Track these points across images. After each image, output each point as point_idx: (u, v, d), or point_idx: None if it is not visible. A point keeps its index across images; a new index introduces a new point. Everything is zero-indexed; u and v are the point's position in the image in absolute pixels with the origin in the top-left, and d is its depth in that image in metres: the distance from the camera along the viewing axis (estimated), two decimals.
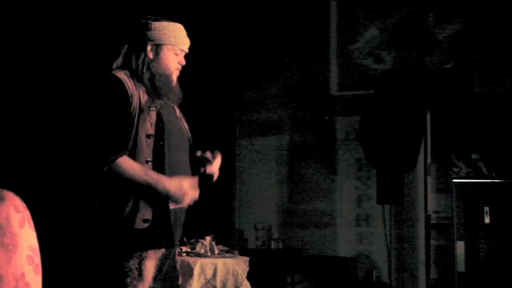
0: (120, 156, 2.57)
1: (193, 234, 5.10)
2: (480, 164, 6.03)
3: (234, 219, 6.82)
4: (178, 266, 2.90)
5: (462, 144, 6.17)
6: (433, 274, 6.17)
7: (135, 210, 2.60)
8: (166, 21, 2.78)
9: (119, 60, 2.75)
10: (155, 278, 2.68)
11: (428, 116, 6.23)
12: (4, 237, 2.35)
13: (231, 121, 6.89)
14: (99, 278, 2.64)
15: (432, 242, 6.18)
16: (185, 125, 2.86)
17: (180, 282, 2.93)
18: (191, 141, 2.88)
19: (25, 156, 4.40)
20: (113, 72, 2.70)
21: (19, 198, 2.48)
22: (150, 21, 2.76)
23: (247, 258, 5.13)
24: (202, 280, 4.73)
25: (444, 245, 6.14)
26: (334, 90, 6.70)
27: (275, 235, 6.33)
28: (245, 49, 6.79)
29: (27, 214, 2.47)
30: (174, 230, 2.73)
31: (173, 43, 2.75)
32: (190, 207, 2.83)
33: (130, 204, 2.59)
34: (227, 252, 5.15)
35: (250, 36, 6.78)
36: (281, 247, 6.26)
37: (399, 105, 5.91)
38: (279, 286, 6.09)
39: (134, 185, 2.58)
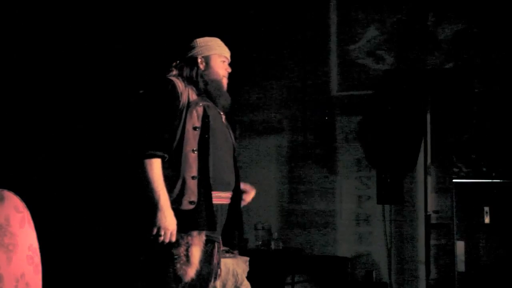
0: (157, 156, 2.78)
1: None
2: (480, 164, 6.03)
3: None
4: (219, 264, 3.05)
5: (462, 144, 6.17)
6: (433, 274, 6.16)
7: (182, 192, 2.82)
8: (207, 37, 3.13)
9: (173, 73, 3.05)
10: (199, 273, 2.84)
11: (428, 116, 6.23)
12: (4, 237, 2.35)
13: (231, 121, 6.87)
14: (146, 265, 2.83)
15: (432, 242, 6.18)
16: (231, 133, 3.15)
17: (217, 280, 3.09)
18: (235, 149, 3.15)
19: (25, 156, 4.41)
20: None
21: (19, 198, 2.48)
22: (195, 39, 3.09)
23: (247, 258, 5.12)
24: None
25: (444, 245, 6.14)
26: (334, 90, 6.69)
27: (275, 235, 6.33)
28: (245, 49, 6.79)
29: (27, 214, 2.47)
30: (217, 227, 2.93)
31: (219, 52, 3.10)
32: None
33: (178, 186, 2.82)
34: (227, 252, 5.14)
35: (251, 36, 6.78)
36: (281, 247, 6.25)
37: (399, 105, 5.91)
38: (279, 286, 6.09)
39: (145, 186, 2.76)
